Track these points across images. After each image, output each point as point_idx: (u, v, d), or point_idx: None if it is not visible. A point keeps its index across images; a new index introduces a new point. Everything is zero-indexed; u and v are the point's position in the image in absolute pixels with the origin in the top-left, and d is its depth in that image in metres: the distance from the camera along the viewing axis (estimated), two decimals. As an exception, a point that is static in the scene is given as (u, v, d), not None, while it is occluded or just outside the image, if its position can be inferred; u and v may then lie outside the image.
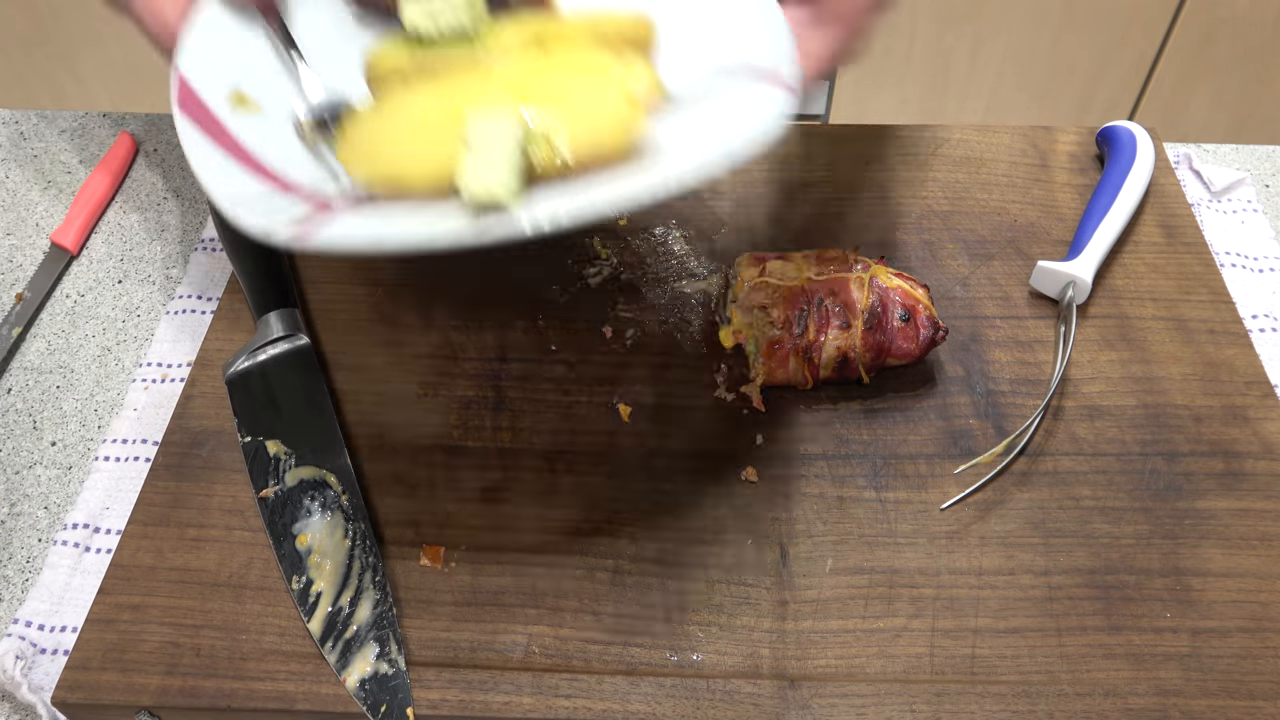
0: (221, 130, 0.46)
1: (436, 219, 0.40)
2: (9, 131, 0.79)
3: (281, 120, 0.49)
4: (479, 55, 0.47)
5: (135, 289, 0.68)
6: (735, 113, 0.44)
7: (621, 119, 0.42)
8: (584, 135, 0.42)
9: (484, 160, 0.40)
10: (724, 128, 0.43)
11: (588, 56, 0.46)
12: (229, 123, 0.47)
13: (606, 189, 0.39)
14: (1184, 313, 0.61)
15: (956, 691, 0.47)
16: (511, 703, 0.47)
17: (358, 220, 0.41)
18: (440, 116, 0.44)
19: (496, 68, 0.46)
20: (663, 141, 0.43)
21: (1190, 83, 1.72)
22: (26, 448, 0.60)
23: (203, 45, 0.49)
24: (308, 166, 0.47)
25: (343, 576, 0.50)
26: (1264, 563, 0.50)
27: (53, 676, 0.50)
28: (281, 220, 0.40)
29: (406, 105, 0.46)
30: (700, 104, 0.46)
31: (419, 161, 0.43)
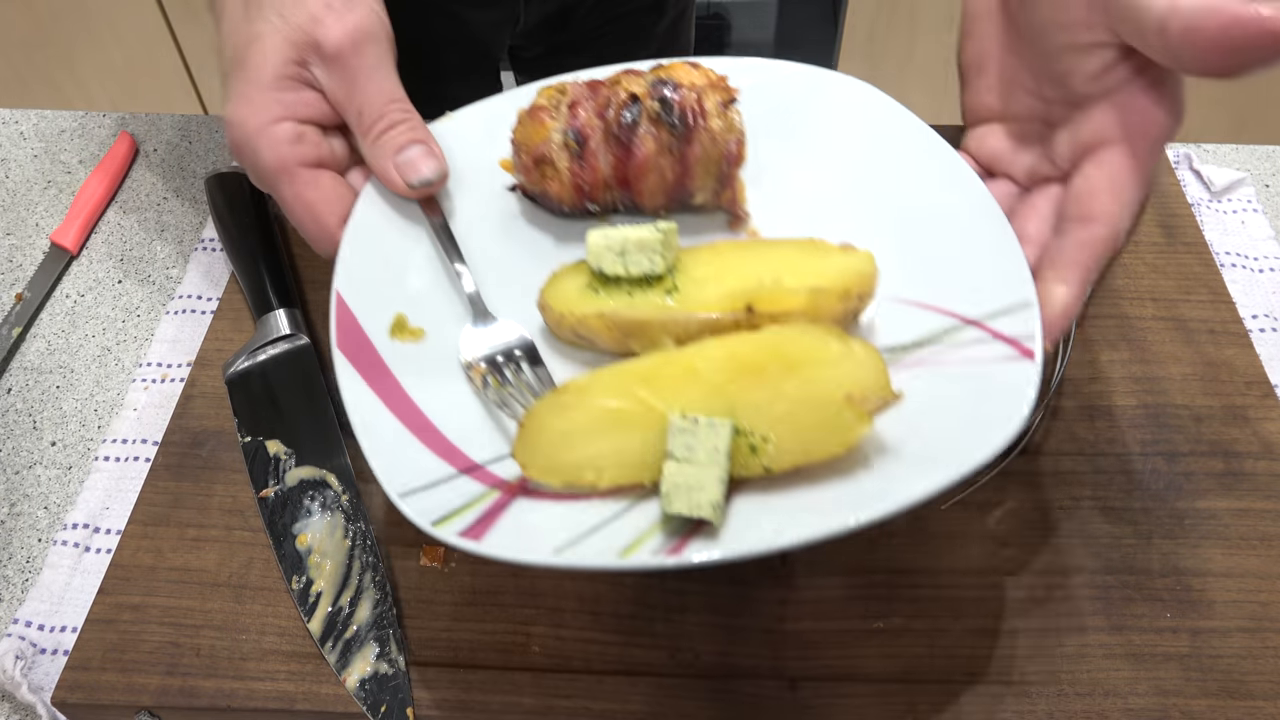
0: (382, 371, 0.42)
1: (626, 537, 0.37)
2: (9, 131, 0.79)
3: (444, 353, 0.45)
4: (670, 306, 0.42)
5: (135, 289, 0.68)
6: (970, 397, 0.38)
7: (841, 430, 0.37)
8: (794, 446, 0.38)
9: (689, 474, 0.37)
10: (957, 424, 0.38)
11: (804, 340, 0.40)
12: (389, 358, 0.43)
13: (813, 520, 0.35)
14: (1184, 313, 0.61)
15: (956, 691, 0.47)
16: (511, 703, 0.47)
17: (533, 529, 0.38)
18: (632, 409, 0.39)
19: (698, 351, 0.40)
20: (887, 433, 0.38)
21: (1190, 83, 1.72)
22: (26, 448, 0.60)
23: (360, 262, 0.45)
24: (472, 420, 0.43)
25: (343, 576, 0.50)
26: (1264, 563, 0.50)
27: (53, 676, 0.50)
28: (455, 524, 0.37)
29: (592, 399, 0.40)
30: (925, 370, 0.40)
31: (605, 464, 0.39)
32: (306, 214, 0.46)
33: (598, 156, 0.47)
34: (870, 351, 0.40)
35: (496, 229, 0.49)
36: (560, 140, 0.47)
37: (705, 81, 0.47)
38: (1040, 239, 0.44)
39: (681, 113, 0.46)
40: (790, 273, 0.43)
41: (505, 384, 0.44)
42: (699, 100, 0.46)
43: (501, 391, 0.43)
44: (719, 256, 0.45)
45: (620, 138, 0.46)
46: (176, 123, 0.79)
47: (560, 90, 0.48)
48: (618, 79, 0.48)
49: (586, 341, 0.45)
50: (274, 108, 0.45)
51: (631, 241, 0.43)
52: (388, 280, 0.46)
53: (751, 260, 0.44)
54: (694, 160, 0.46)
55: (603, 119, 0.47)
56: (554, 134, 0.47)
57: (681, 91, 0.46)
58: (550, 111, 0.47)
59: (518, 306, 0.47)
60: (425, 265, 0.48)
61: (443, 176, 0.47)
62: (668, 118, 0.46)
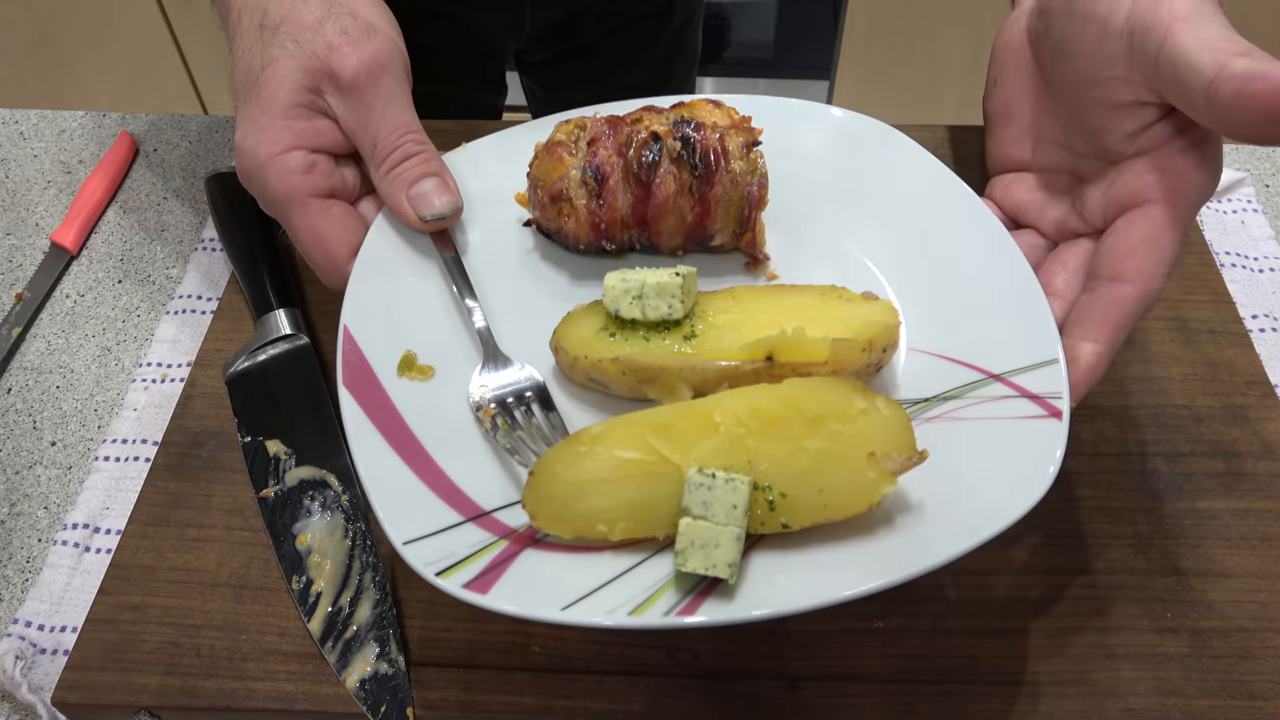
0: (391, 412, 0.41)
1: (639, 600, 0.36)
2: (9, 131, 0.79)
3: (453, 393, 0.43)
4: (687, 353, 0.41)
5: (135, 289, 0.68)
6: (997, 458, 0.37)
7: (863, 489, 0.36)
8: (814, 505, 0.36)
9: (705, 531, 0.35)
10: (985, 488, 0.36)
11: (827, 395, 0.38)
12: (396, 397, 0.42)
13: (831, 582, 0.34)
14: (1184, 313, 0.60)
15: (956, 691, 0.47)
16: (511, 703, 0.47)
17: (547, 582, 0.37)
18: (646, 460, 0.37)
19: (714, 408, 0.38)
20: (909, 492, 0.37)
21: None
22: (26, 448, 0.60)
23: (369, 297, 0.44)
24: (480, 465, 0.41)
25: (343, 576, 0.50)
26: (1264, 562, 0.50)
27: (53, 676, 0.50)
28: (459, 576, 0.36)
29: (606, 448, 0.38)
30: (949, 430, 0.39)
31: (617, 517, 0.37)
32: (316, 245, 0.45)
33: (616, 195, 0.46)
34: (895, 408, 0.38)
35: (510, 265, 0.48)
36: (578, 177, 0.46)
37: (728, 122, 0.46)
38: (1068, 294, 0.43)
39: (704, 153, 0.45)
40: (812, 322, 0.41)
41: (515, 428, 0.42)
42: (721, 141, 0.45)
43: (511, 436, 0.42)
44: (738, 303, 0.43)
45: (640, 177, 0.45)
46: (176, 123, 0.79)
47: (579, 126, 0.48)
48: (639, 116, 0.47)
49: (600, 386, 0.44)
50: (286, 136, 0.45)
51: (650, 285, 0.42)
52: (397, 316, 0.45)
53: (772, 307, 0.43)
54: (715, 202, 0.45)
55: (623, 157, 0.46)
56: (572, 171, 0.46)
57: (704, 131, 0.45)
58: (569, 147, 0.47)
59: (530, 346, 0.46)
60: (436, 301, 0.46)
61: (457, 210, 0.47)
62: (689, 158, 0.45)
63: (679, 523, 0.36)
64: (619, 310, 0.42)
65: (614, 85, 0.89)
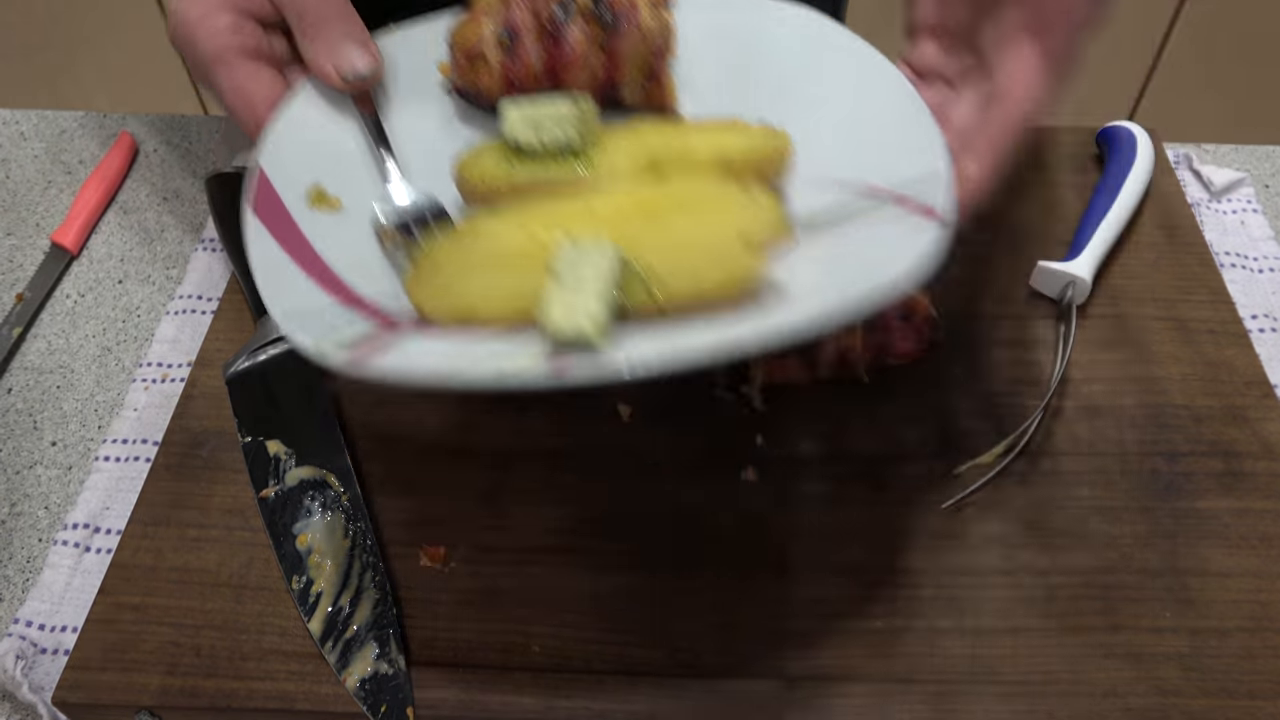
0: (294, 230, 0.42)
1: (510, 355, 0.36)
2: (9, 131, 0.79)
3: (361, 222, 0.45)
4: (582, 175, 0.42)
5: (135, 289, 0.68)
6: (872, 250, 0.39)
7: (731, 263, 0.37)
8: (686, 278, 0.37)
9: (571, 294, 0.35)
10: (855, 269, 0.38)
11: (705, 188, 0.40)
12: (302, 222, 0.43)
13: (700, 338, 0.35)
14: (1184, 313, 0.61)
15: (956, 691, 0.47)
16: (511, 703, 0.47)
17: (420, 351, 0.37)
18: (526, 245, 0.39)
19: (598, 194, 0.40)
20: (786, 280, 0.38)
21: (1190, 83, 1.72)
22: (26, 448, 0.60)
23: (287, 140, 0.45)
24: (379, 277, 0.43)
25: (343, 576, 0.50)
26: (1263, 562, 0.50)
27: (53, 676, 0.50)
28: (335, 341, 0.36)
29: (488, 236, 0.40)
30: (834, 235, 0.41)
31: (496, 296, 0.38)
32: (243, 104, 0.46)
33: (529, 51, 0.47)
34: (771, 199, 0.40)
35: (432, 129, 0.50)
36: (493, 36, 0.47)
37: None
38: (963, 124, 0.45)
39: (611, 7, 0.46)
40: (704, 140, 0.43)
41: (412, 242, 0.44)
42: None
43: (409, 246, 0.44)
44: (637, 134, 0.45)
45: (552, 33, 0.47)
46: (176, 123, 0.79)
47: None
48: None
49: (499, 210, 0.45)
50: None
51: (547, 114, 0.43)
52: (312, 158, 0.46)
53: (669, 136, 0.45)
54: (623, 55, 0.47)
55: (535, 16, 0.47)
56: (487, 30, 0.47)
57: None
58: (487, 10, 0.48)
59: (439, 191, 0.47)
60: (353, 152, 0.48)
61: (376, 72, 0.48)
62: (599, 13, 0.46)
63: (545, 286, 0.36)
64: (517, 138, 0.44)
65: None
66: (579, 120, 0.44)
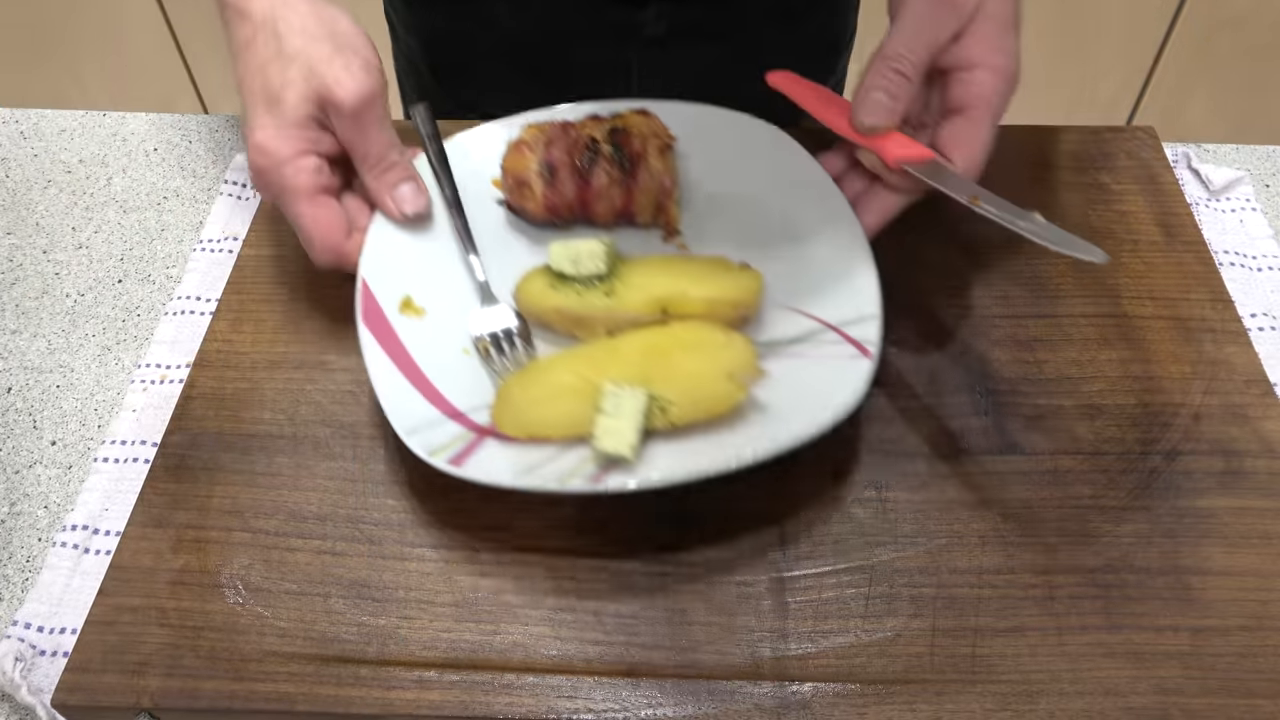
0: (395, 341, 0.55)
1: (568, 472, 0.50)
2: (9, 131, 0.79)
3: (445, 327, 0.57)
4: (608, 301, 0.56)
5: (135, 289, 0.68)
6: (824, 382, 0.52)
7: (721, 393, 0.52)
8: (691, 407, 0.52)
9: (615, 425, 0.50)
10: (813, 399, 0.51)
11: (699, 333, 0.54)
12: (401, 331, 0.56)
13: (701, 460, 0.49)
14: (1183, 312, 0.61)
15: (956, 691, 0.47)
16: (512, 703, 0.47)
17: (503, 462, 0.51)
18: (575, 382, 0.53)
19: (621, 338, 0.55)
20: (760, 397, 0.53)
21: (1190, 83, 1.72)
22: (26, 447, 0.60)
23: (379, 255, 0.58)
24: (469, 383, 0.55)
25: None
26: (1264, 561, 0.50)
27: (52, 678, 0.50)
28: (443, 455, 0.50)
29: (549, 375, 0.54)
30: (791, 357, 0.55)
31: (555, 420, 0.52)
32: (319, 229, 0.57)
33: (564, 184, 0.60)
34: (745, 341, 0.54)
35: (490, 230, 0.63)
36: (537, 170, 0.60)
37: (650, 130, 0.61)
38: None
39: (628, 155, 0.60)
40: (698, 284, 0.56)
41: (503, 356, 0.57)
42: (643, 145, 0.60)
43: (501, 362, 0.57)
44: (646, 267, 0.59)
45: (581, 172, 0.60)
46: (176, 123, 0.79)
47: (540, 129, 0.62)
48: (585, 125, 0.62)
49: (546, 326, 0.58)
50: (301, 143, 0.57)
51: (583, 251, 0.57)
52: (400, 270, 0.59)
53: (671, 273, 0.58)
54: (636, 192, 0.60)
55: (570, 156, 0.60)
56: (533, 165, 0.61)
57: (630, 139, 0.60)
58: (531, 146, 0.61)
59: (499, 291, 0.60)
60: (431, 260, 0.60)
61: (428, 208, 0.61)
62: (618, 159, 0.60)
63: (596, 418, 0.51)
64: (560, 269, 0.57)
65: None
66: (606, 255, 0.57)
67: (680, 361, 0.53)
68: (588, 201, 0.61)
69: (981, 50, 0.56)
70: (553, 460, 0.51)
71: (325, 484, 0.54)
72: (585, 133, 0.61)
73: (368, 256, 0.58)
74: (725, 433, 0.52)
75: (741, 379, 0.52)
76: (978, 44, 0.56)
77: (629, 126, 0.61)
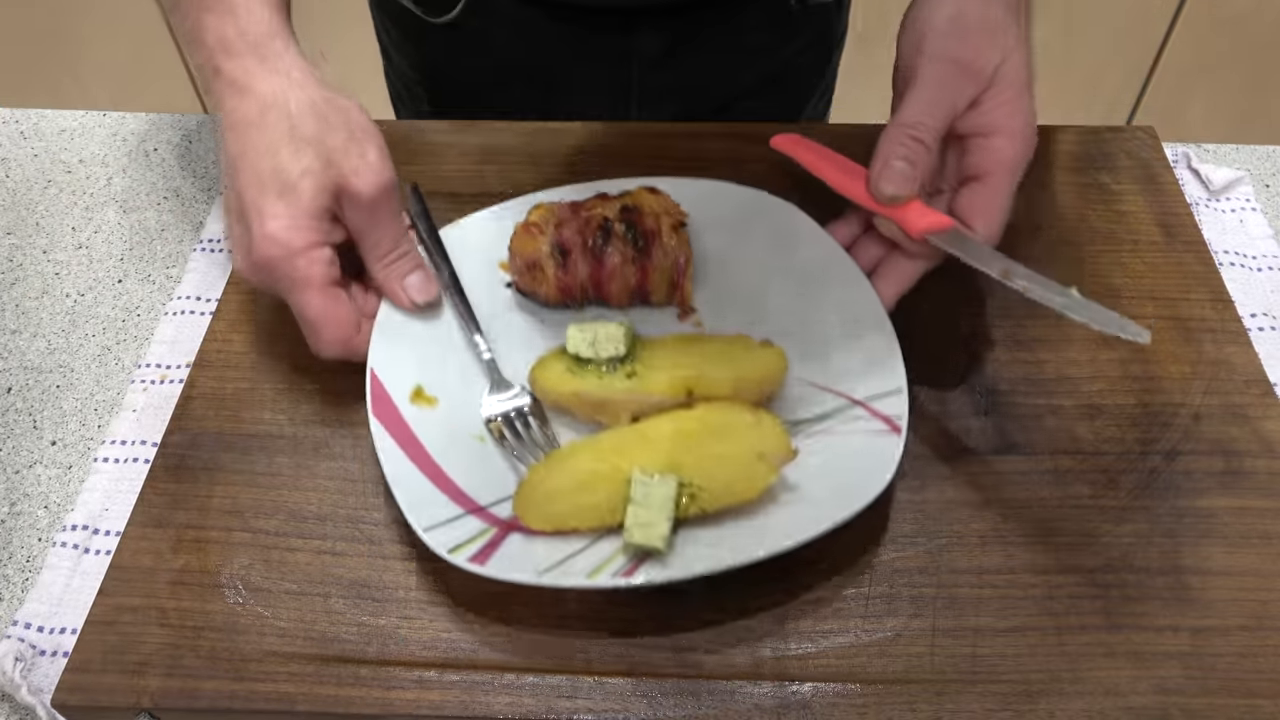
0: (408, 433, 0.53)
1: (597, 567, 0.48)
2: (9, 131, 0.79)
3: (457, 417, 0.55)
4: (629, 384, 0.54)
5: (135, 289, 0.68)
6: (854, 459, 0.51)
7: (753, 476, 0.49)
8: (723, 493, 0.49)
9: (645, 515, 0.48)
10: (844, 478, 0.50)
11: (727, 416, 0.52)
12: (413, 423, 0.54)
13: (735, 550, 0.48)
14: (1183, 312, 0.61)
15: (956, 691, 0.47)
16: (513, 703, 0.47)
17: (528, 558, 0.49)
18: (602, 469, 0.51)
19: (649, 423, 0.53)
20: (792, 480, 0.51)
21: (1190, 82, 1.72)
22: (26, 447, 0.60)
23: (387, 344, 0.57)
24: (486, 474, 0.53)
25: None
26: (1264, 561, 0.50)
27: (52, 678, 0.50)
28: (464, 553, 0.48)
29: (573, 465, 0.51)
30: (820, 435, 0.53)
31: (581, 511, 0.50)
32: (330, 323, 0.55)
33: (577, 266, 0.58)
34: (774, 420, 0.51)
35: (498, 314, 0.61)
36: (548, 252, 0.58)
37: (661, 208, 0.59)
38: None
39: (642, 234, 0.58)
40: (720, 363, 0.55)
41: (519, 438, 0.54)
42: (656, 223, 0.58)
43: (517, 445, 0.54)
44: (667, 348, 0.57)
45: (594, 253, 0.58)
46: (176, 123, 0.79)
47: (549, 210, 0.60)
48: (594, 204, 0.60)
49: (566, 411, 0.56)
50: (316, 234, 0.54)
51: (601, 334, 0.55)
52: (409, 359, 0.57)
53: (693, 353, 0.56)
54: (651, 271, 0.59)
55: (581, 236, 0.58)
56: (544, 246, 0.59)
57: (643, 217, 0.59)
58: (541, 228, 0.59)
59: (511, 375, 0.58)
60: (439, 347, 0.58)
61: (437, 298, 0.59)
62: (632, 238, 0.58)
63: (626, 509, 0.49)
64: (579, 353, 0.55)
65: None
66: (626, 337, 0.56)
67: (709, 445, 0.51)
68: (601, 282, 0.59)
69: (1000, 116, 0.55)
70: (580, 554, 0.49)
71: (325, 484, 0.54)
72: (596, 212, 0.59)
73: (375, 348, 0.56)
74: (757, 516, 0.50)
75: (773, 460, 0.50)
76: (996, 109, 0.55)
77: (640, 205, 0.59)
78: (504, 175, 0.69)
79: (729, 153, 0.69)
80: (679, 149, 0.70)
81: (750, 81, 0.86)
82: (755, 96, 0.87)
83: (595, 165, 0.69)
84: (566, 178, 0.66)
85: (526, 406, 0.55)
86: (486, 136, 0.71)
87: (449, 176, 0.69)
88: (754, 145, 0.67)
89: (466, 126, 0.72)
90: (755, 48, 0.84)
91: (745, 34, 0.82)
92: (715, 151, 0.69)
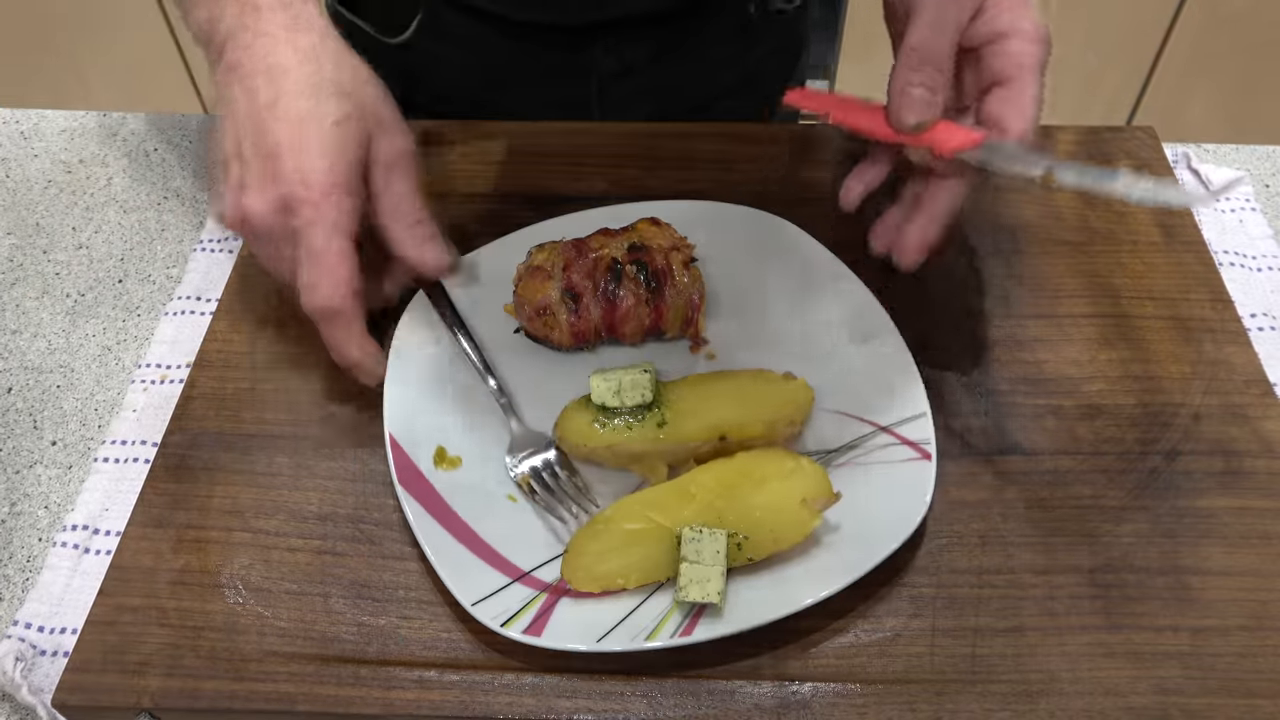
0: (439, 501, 0.52)
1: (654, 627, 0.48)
2: (9, 131, 0.79)
3: (482, 476, 0.54)
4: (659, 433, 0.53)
5: (135, 289, 0.68)
6: (889, 490, 0.51)
7: (798, 522, 0.50)
8: (769, 541, 0.50)
9: (699, 572, 0.48)
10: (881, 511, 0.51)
11: (766, 463, 0.52)
12: (441, 489, 0.53)
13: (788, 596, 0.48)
14: (1183, 312, 0.61)
15: (956, 691, 0.47)
16: (512, 703, 0.47)
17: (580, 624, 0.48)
18: (648, 527, 0.50)
19: (690, 483, 0.52)
20: (832, 520, 0.51)
21: (1190, 83, 1.72)
22: (26, 447, 0.60)
23: (401, 403, 0.56)
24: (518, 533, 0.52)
25: None
26: (1263, 561, 0.50)
27: (53, 678, 0.50)
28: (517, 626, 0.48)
29: (617, 524, 0.51)
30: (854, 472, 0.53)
31: (634, 573, 0.50)
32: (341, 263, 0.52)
33: (590, 309, 0.57)
34: (815, 466, 0.52)
35: (505, 359, 0.59)
36: (558, 297, 0.57)
37: (670, 242, 0.59)
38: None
39: (654, 273, 0.57)
40: (747, 402, 0.54)
41: (549, 491, 0.54)
42: (667, 260, 0.58)
43: (547, 498, 0.53)
44: (694, 390, 0.55)
45: (607, 295, 0.57)
46: (176, 123, 0.79)
47: (552, 251, 0.59)
48: (601, 243, 0.59)
49: (597, 463, 0.55)
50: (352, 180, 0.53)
51: (625, 381, 0.54)
52: (426, 420, 0.56)
53: (719, 395, 0.55)
54: (665, 308, 0.58)
55: (591, 279, 0.57)
56: (553, 291, 0.57)
57: (652, 255, 0.58)
58: (547, 271, 0.58)
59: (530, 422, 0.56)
60: (454, 403, 0.57)
61: (455, 267, 0.58)
62: (644, 278, 0.57)
63: (679, 566, 0.49)
64: (605, 402, 0.54)
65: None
66: (651, 384, 0.54)
67: (751, 495, 0.50)
68: (615, 324, 0.58)
69: (1008, 19, 0.53)
70: (634, 613, 0.49)
71: (325, 484, 0.54)
72: (603, 252, 0.58)
73: (390, 412, 0.55)
74: (803, 559, 0.50)
75: (815, 504, 0.50)
76: (1002, 14, 0.54)
77: (646, 241, 0.58)
78: (502, 175, 0.69)
79: (718, 154, 0.70)
80: (667, 149, 0.70)
81: (713, 90, 0.85)
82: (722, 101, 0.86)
83: (593, 164, 0.69)
84: (563, 177, 0.66)
85: (554, 458, 0.55)
86: (479, 136, 0.71)
87: (450, 177, 0.69)
88: (744, 145, 0.67)
89: (462, 126, 0.72)
90: (717, 60, 0.83)
91: (707, 47, 0.82)
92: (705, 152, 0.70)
